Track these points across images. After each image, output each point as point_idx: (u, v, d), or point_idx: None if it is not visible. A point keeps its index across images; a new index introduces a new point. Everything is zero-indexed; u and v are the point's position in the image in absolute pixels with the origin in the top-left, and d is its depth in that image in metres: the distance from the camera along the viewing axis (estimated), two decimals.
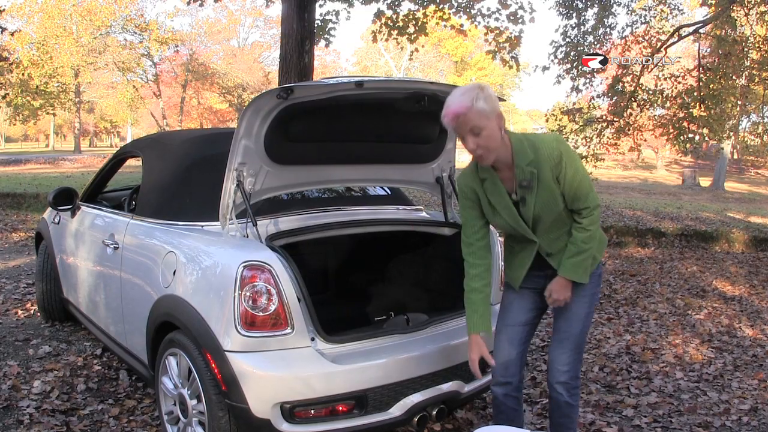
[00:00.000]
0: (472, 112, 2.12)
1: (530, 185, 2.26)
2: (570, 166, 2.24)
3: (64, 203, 3.89)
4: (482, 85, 2.19)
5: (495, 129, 2.17)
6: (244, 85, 38.69)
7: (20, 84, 28.11)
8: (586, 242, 2.32)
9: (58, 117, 41.31)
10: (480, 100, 2.12)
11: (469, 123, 2.13)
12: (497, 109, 2.17)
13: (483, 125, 2.14)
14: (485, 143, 2.17)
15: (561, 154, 2.23)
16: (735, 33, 10.38)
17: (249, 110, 2.47)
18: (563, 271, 2.34)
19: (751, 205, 18.46)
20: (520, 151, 2.25)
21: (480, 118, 2.13)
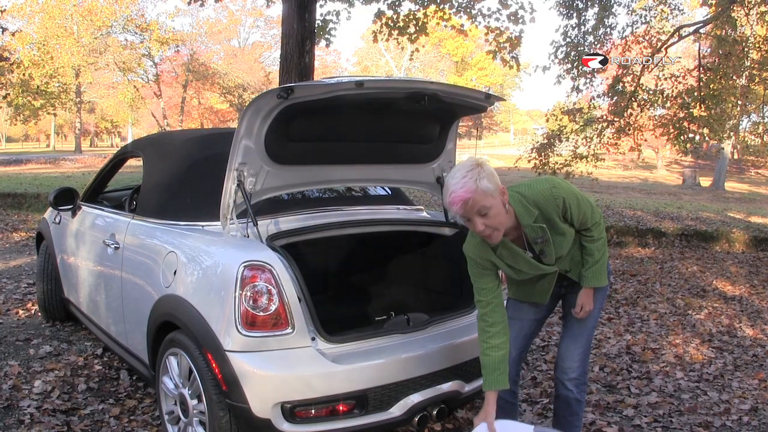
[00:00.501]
0: (477, 194, 2.09)
1: (545, 239, 2.30)
2: (573, 204, 2.29)
3: (64, 203, 3.90)
4: (480, 161, 2.18)
5: (500, 205, 2.15)
6: (245, 85, 38.71)
7: (21, 84, 28.11)
8: (600, 250, 2.40)
9: (58, 117, 41.31)
10: (483, 179, 2.10)
11: (476, 206, 2.10)
12: (499, 184, 2.15)
13: (489, 204, 2.12)
14: (493, 222, 2.15)
15: (563, 200, 2.26)
16: (735, 33, 10.38)
17: (249, 110, 2.47)
18: (588, 281, 2.42)
19: (751, 205, 18.46)
20: (524, 213, 2.26)
21: (486, 198, 2.10)
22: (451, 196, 2.11)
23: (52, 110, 33.32)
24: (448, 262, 3.25)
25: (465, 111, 2.96)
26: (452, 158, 3.32)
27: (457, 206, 2.11)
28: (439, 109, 2.73)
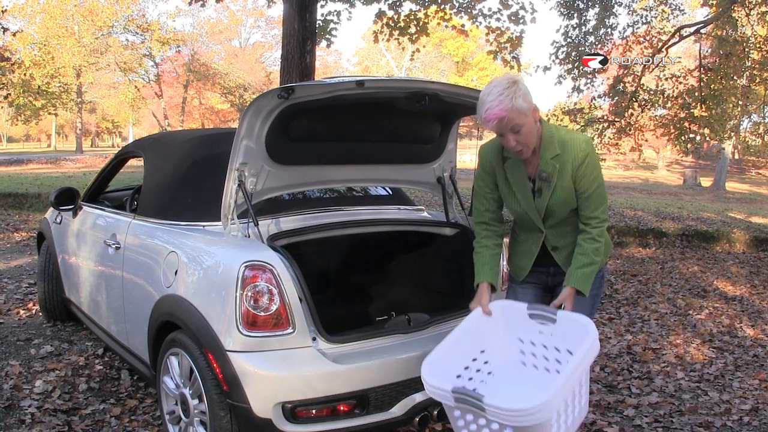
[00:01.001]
0: (512, 112, 2.15)
1: (549, 179, 2.30)
2: (591, 171, 2.28)
3: (65, 203, 3.90)
4: (516, 79, 2.21)
5: (532, 124, 2.22)
6: (246, 85, 38.70)
7: (22, 84, 28.12)
8: (597, 254, 2.33)
9: (59, 117, 41.33)
10: (518, 98, 2.15)
11: (510, 123, 2.17)
12: (532, 103, 2.21)
13: (522, 122, 2.18)
14: (524, 140, 2.21)
15: (586, 157, 2.26)
16: (736, 33, 10.38)
17: (250, 110, 2.47)
18: (573, 281, 2.33)
19: (752, 206, 18.44)
20: (549, 144, 2.29)
21: (519, 116, 2.16)
22: (487, 112, 2.16)
23: (53, 110, 33.35)
24: (449, 262, 3.25)
25: (466, 111, 2.96)
26: (453, 158, 3.32)
27: (492, 123, 2.18)
28: (440, 109, 2.73)
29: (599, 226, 2.34)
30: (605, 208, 2.36)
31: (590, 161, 2.27)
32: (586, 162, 2.26)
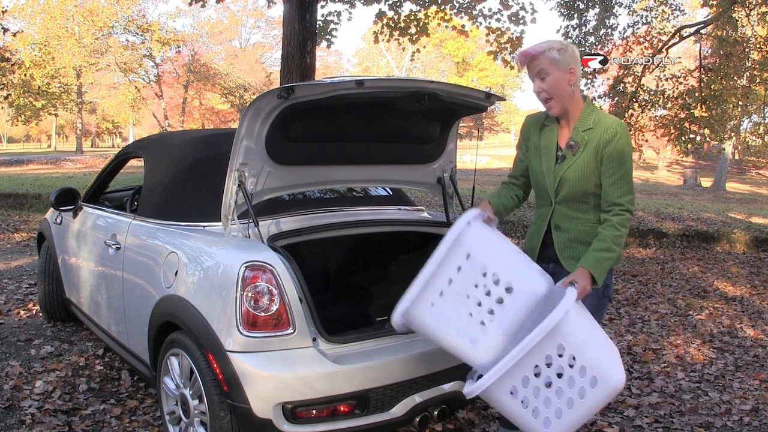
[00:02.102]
0: (542, 57, 2.27)
1: (575, 148, 2.34)
2: (618, 153, 2.27)
3: (66, 204, 3.90)
4: (564, 42, 2.32)
5: (562, 80, 2.29)
6: (246, 85, 38.73)
7: (22, 85, 28.17)
8: (616, 243, 2.26)
9: (60, 118, 41.36)
10: (554, 50, 2.26)
11: (537, 67, 2.28)
12: (570, 64, 2.29)
13: (550, 72, 2.28)
14: (548, 88, 2.30)
15: (615, 135, 2.27)
16: (736, 34, 10.37)
17: (250, 110, 2.47)
18: (585, 261, 2.26)
19: (752, 206, 18.44)
20: (585, 118, 2.34)
21: (549, 64, 2.27)
22: (521, 52, 2.33)
23: (53, 111, 33.40)
24: None
25: (465, 111, 2.96)
26: (453, 159, 3.32)
27: (520, 60, 2.33)
28: (440, 108, 2.73)
29: (621, 214, 2.28)
30: (631, 200, 2.31)
31: (619, 142, 2.27)
32: (614, 141, 2.27)
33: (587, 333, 2.13)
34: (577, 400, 2.06)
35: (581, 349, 2.06)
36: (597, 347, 2.12)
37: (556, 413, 2.07)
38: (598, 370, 2.05)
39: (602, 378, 2.04)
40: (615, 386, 2.06)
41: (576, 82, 2.32)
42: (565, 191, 2.38)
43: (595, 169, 2.31)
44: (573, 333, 2.05)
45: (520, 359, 1.99)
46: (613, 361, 2.13)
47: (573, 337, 2.05)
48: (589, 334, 2.13)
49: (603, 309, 2.51)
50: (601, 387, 2.04)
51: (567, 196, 2.38)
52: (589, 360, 2.05)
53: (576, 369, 2.05)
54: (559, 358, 2.05)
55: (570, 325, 2.04)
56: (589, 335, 2.13)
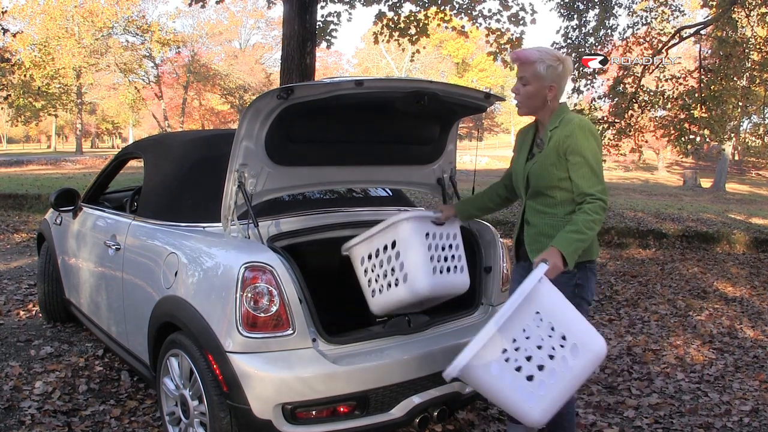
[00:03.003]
0: (527, 64, 2.37)
1: (542, 145, 2.45)
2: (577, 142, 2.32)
3: (65, 204, 3.90)
4: (561, 58, 2.39)
5: (539, 91, 2.39)
6: (246, 86, 38.74)
7: (22, 85, 28.17)
8: (587, 226, 2.26)
9: (59, 118, 41.36)
10: (544, 63, 2.35)
11: (522, 72, 2.39)
12: (553, 81, 2.38)
13: (530, 80, 2.38)
14: (523, 94, 2.41)
15: (574, 128, 2.33)
16: (736, 34, 10.37)
17: (250, 111, 2.47)
18: (557, 241, 2.27)
19: (752, 207, 18.44)
20: (554, 119, 2.43)
21: (532, 76, 2.37)
22: (516, 51, 2.44)
23: (53, 111, 33.39)
24: None
25: (465, 111, 2.96)
26: (453, 159, 3.32)
27: (512, 59, 2.51)
28: (439, 109, 2.73)
29: (593, 202, 2.29)
30: (602, 190, 2.31)
31: (577, 137, 2.32)
32: (572, 136, 2.33)
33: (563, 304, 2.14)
34: (560, 371, 2.04)
35: (559, 318, 2.07)
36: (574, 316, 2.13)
37: (540, 387, 2.04)
38: (579, 337, 2.05)
39: (584, 345, 2.04)
40: (598, 353, 2.08)
41: (555, 97, 2.40)
42: (532, 187, 2.48)
43: (556, 164, 2.37)
44: (549, 303, 2.08)
45: (496, 332, 1.98)
46: (592, 330, 2.13)
47: (549, 307, 2.07)
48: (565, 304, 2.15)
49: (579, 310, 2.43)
50: (583, 355, 2.04)
51: (534, 191, 2.47)
52: (568, 328, 2.05)
53: (555, 338, 2.05)
54: (537, 329, 2.05)
55: (544, 295, 2.08)
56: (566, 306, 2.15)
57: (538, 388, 2.04)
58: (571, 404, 2.52)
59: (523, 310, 2.02)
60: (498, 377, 2.01)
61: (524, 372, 2.04)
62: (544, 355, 2.05)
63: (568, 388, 2.07)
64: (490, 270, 3.06)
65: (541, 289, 2.07)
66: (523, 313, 2.03)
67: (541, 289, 2.07)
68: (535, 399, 2.03)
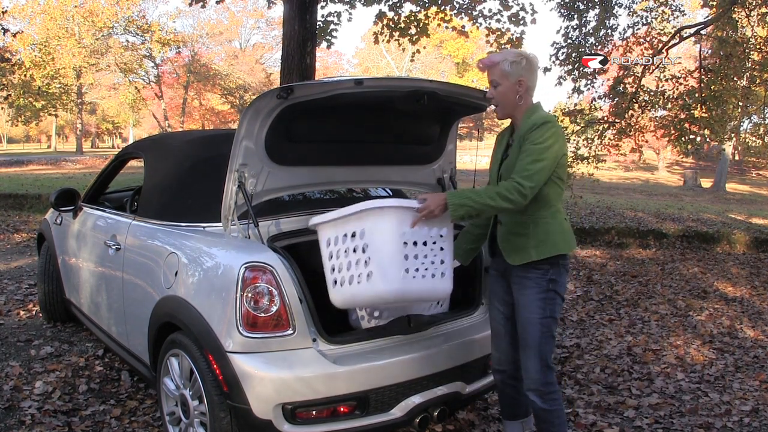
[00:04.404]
0: (496, 68, 2.43)
1: (512, 145, 2.49)
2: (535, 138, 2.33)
3: (66, 204, 3.90)
4: (523, 54, 2.44)
5: (510, 91, 2.43)
6: (246, 86, 38.71)
7: (22, 85, 28.13)
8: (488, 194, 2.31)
9: (60, 118, 41.33)
10: (507, 62, 2.41)
11: (491, 76, 2.45)
12: (520, 77, 2.41)
13: (500, 82, 2.43)
14: (497, 97, 2.46)
15: (534, 125, 2.36)
16: (736, 34, 10.36)
17: (249, 111, 2.47)
18: (450, 194, 2.36)
19: (752, 207, 18.44)
20: (525, 119, 2.45)
21: (500, 76, 2.42)
22: (480, 60, 2.50)
23: (53, 111, 33.34)
24: None
25: (465, 110, 2.96)
26: (453, 159, 3.32)
27: (479, 69, 2.52)
28: (439, 108, 2.73)
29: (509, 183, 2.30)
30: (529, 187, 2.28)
31: (536, 132, 2.34)
32: (532, 131, 2.35)
33: (390, 243, 2.28)
34: (355, 283, 2.34)
35: (375, 244, 2.28)
36: (391, 255, 2.28)
37: (342, 280, 2.39)
38: (378, 269, 2.26)
39: (377, 277, 2.26)
40: (380, 291, 2.28)
41: (525, 92, 2.44)
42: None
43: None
44: (377, 231, 2.29)
45: (334, 219, 2.40)
46: (393, 274, 2.27)
47: (374, 235, 2.29)
48: (388, 243, 2.28)
49: (552, 304, 2.45)
50: (371, 285, 2.28)
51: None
52: (375, 255, 2.27)
53: (361, 255, 2.32)
54: (353, 238, 2.35)
55: (378, 222, 2.29)
56: (389, 243, 2.29)
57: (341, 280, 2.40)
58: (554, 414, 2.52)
59: (357, 219, 2.34)
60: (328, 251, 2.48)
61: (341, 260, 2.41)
62: (352, 261, 2.36)
63: (353, 297, 2.40)
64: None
65: (383, 214, 2.29)
66: (356, 221, 2.35)
67: (383, 215, 2.29)
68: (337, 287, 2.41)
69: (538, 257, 2.41)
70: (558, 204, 2.47)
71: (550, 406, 2.47)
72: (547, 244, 2.42)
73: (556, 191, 2.44)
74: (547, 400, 2.47)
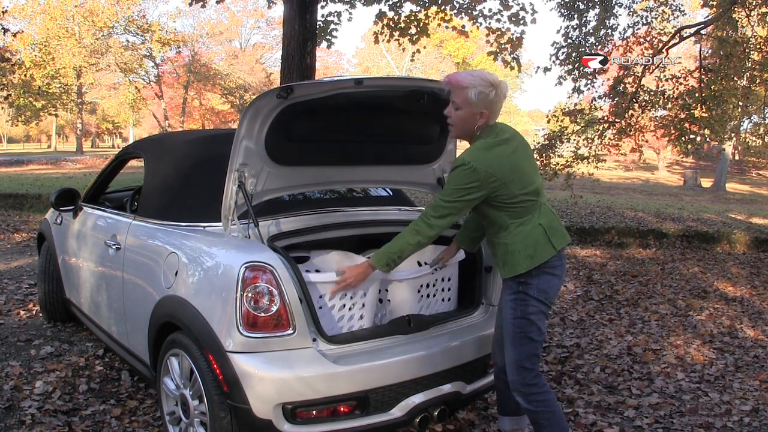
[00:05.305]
0: (461, 92, 2.37)
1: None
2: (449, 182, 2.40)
3: (66, 204, 3.90)
4: (494, 84, 2.38)
5: (470, 119, 2.40)
6: (246, 86, 38.71)
7: (22, 85, 28.14)
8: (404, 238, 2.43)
9: (60, 118, 41.34)
10: (475, 89, 2.35)
11: (454, 96, 2.40)
12: (483, 109, 2.38)
13: (461, 105, 2.39)
14: (454, 119, 2.44)
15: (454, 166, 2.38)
16: (736, 34, 10.36)
17: (249, 111, 2.47)
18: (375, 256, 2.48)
19: (752, 206, 18.44)
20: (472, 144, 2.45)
21: (463, 101, 2.38)
22: (451, 75, 2.43)
23: (53, 111, 33.35)
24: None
25: None
26: (453, 159, 3.32)
27: (444, 83, 2.44)
28: (439, 107, 2.73)
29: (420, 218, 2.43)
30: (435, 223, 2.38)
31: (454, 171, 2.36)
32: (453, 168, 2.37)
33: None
34: None
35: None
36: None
37: None
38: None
39: None
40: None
41: (485, 122, 2.41)
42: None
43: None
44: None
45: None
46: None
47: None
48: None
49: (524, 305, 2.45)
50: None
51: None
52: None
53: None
54: None
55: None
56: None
57: None
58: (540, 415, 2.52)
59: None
60: None
61: None
62: None
63: None
64: (490, 270, 3.07)
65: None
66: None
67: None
68: None
69: (506, 276, 2.49)
70: (518, 221, 2.40)
71: (535, 407, 2.48)
72: (509, 265, 2.46)
73: (509, 212, 2.40)
74: (530, 401, 2.48)
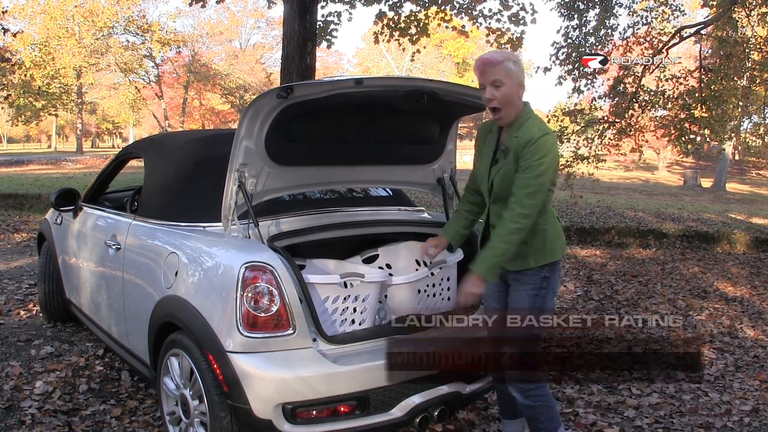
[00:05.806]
0: (500, 66, 2.34)
1: (506, 153, 2.44)
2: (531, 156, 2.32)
3: (66, 204, 3.90)
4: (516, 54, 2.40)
5: (513, 92, 2.38)
6: (246, 86, 38.69)
7: (22, 85, 28.14)
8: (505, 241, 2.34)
9: (60, 118, 41.32)
10: (511, 62, 2.36)
11: (493, 75, 2.35)
12: (521, 79, 2.39)
13: (504, 82, 2.36)
14: (501, 97, 2.37)
15: (529, 141, 2.33)
16: (736, 34, 10.35)
17: (249, 111, 2.47)
18: (476, 264, 2.39)
19: (752, 206, 18.44)
20: (518, 124, 2.43)
21: (504, 75, 2.35)
22: (480, 58, 2.39)
23: (53, 111, 33.35)
24: None
25: (464, 110, 2.96)
26: (453, 159, 3.32)
27: (479, 67, 2.38)
28: (439, 108, 2.73)
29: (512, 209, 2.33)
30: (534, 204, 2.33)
31: (535, 147, 2.32)
32: (529, 145, 2.33)
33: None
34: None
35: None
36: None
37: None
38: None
39: None
40: None
41: (522, 95, 2.42)
42: (495, 192, 2.49)
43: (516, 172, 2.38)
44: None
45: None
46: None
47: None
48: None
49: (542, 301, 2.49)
50: None
51: (497, 196, 2.48)
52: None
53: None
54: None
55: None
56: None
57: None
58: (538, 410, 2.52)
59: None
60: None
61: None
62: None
63: None
64: None
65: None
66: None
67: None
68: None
69: (536, 264, 2.45)
70: (550, 206, 2.49)
71: (533, 402, 2.49)
72: (545, 252, 2.45)
73: (549, 197, 2.46)
74: (528, 396, 2.48)
